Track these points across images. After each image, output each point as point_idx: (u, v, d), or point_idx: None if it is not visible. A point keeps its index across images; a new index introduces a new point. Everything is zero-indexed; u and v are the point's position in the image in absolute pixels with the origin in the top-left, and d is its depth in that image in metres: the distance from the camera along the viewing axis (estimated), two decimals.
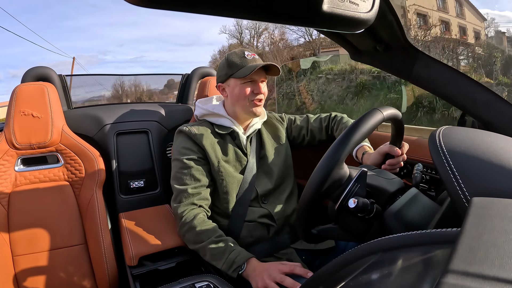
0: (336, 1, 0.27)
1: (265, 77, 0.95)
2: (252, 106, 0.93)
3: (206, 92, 1.27)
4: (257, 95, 0.93)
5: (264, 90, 0.94)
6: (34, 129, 1.08)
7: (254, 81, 0.92)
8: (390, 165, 0.76)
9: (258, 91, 0.92)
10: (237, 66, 0.91)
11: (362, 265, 0.31)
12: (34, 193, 1.08)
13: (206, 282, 0.68)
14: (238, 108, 0.95)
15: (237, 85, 0.93)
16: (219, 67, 0.97)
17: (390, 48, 0.68)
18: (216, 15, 0.26)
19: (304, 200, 0.58)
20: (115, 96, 3.17)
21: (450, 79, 0.67)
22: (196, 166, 0.91)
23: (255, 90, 0.92)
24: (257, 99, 0.93)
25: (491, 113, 0.66)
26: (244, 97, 0.92)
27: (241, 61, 0.91)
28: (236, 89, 0.93)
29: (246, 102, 0.93)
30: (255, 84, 0.93)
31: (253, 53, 0.93)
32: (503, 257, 0.19)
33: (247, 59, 0.91)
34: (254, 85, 0.92)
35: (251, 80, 0.92)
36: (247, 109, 0.94)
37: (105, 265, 1.05)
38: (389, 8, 0.57)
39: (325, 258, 0.96)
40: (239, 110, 0.95)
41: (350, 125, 0.58)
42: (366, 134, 0.57)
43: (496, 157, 0.36)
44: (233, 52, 0.95)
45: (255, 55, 0.93)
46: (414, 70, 0.69)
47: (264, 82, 0.95)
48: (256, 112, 0.94)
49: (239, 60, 0.91)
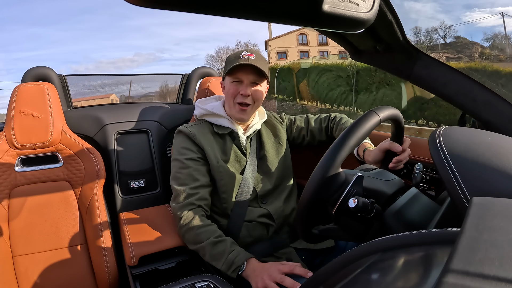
0: (336, 1, 0.27)
1: (257, 81, 0.92)
2: (237, 109, 0.93)
3: (206, 92, 1.27)
4: (244, 97, 0.91)
5: (253, 94, 0.92)
6: (34, 129, 1.08)
7: (241, 82, 0.92)
8: (397, 161, 0.76)
9: (243, 92, 0.91)
10: (230, 64, 0.91)
11: (362, 265, 0.31)
12: (34, 193, 1.08)
13: (206, 282, 0.68)
14: (227, 108, 0.96)
15: (228, 83, 0.94)
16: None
17: (390, 48, 0.68)
18: (216, 15, 0.26)
19: (301, 205, 0.58)
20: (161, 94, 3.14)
21: (450, 79, 0.67)
22: (195, 166, 0.91)
23: (241, 91, 0.91)
24: (242, 102, 0.92)
25: (491, 113, 0.66)
26: (231, 96, 0.92)
27: (235, 59, 0.91)
28: (227, 87, 0.94)
29: (231, 102, 0.93)
30: (242, 84, 0.92)
31: (251, 54, 0.91)
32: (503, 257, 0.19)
33: (240, 58, 0.90)
34: (241, 86, 0.92)
35: (238, 80, 0.92)
36: (232, 110, 0.94)
37: (105, 265, 1.05)
38: (389, 8, 0.57)
39: (325, 258, 0.96)
40: (228, 109, 0.96)
41: (345, 129, 0.58)
42: (362, 138, 0.57)
43: (496, 157, 0.36)
44: (236, 52, 0.95)
45: (253, 55, 0.91)
46: (414, 70, 0.69)
47: (256, 86, 0.93)
48: (239, 117, 0.94)
49: (234, 58, 0.92)
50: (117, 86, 2.13)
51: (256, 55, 0.92)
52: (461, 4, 19.23)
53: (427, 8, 20.21)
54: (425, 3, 20.17)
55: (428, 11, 19.73)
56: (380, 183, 0.61)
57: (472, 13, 20.09)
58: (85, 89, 1.78)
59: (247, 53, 0.91)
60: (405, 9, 18.32)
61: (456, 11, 19.21)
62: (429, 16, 19.28)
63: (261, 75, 0.92)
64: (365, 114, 0.60)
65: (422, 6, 19.71)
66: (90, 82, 1.82)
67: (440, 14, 19.58)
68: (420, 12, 19.08)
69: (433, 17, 19.44)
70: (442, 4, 20.75)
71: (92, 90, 1.87)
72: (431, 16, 19.35)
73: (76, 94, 1.56)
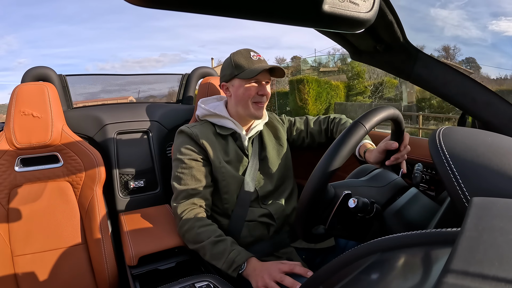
0: (336, 1, 0.27)
1: (270, 79, 0.95)
2: (254, 108, 0.93)
3: (206, 92, 1.27)
4: (262, 96, 0.93)
5: (268, 92, 0.94)
6: (34, 129, 1.08)
7: (259, 82, 0.93)
8: (395, 159, 0.76)
9: (263, 92, 0.92)
10: (243, 67, 0.90)
11: (362, 265, 0.31)
12: (34, 193, 1.08)
13: (206, 282, 0.68)
14: (241, 109, 0.95)
15: (241, 85, 0.92)
16: (224, 66, 0.97)
17: (390, 48, 0.68)
18: (216, 15, 0.26)
19: (299, 212, 0.57)
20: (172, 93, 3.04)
21: (450, 79, 0.67)
22: (197, 167, 0.91)
23: (260, 91, 0.92)
24: (260, 101, 0.93)
25: (491, 113, 0.66)
26: (248, 98, 0.92)
27: (247, 61, 0.91)
28: (241, 90, 0.92)
29: (249, 103, 0.93)
30: (260, 85, 0.93)
31: (259, 54, 0.93)
32: (503, 257, 0.19)
33: (253, 60, 0.91)
34: (259, 86, 0.93)
35: (256, 81, 0.92)
36: (249, 110, 0.94)
37: (105, 265, 1.06)
38: (389, 8, 0.57)
39: (325, 257, 0.96)
40: (242, 111, 0.95)
41: (330, 147, 0.55)
42: (348, 154, 0.55)
43: (496, 157, 0.36)
44: (238, 51, 0.94)
45: (261, 56, 0.93)
46: (414, 70, 0.69)
47: (268, 84, 0.95)
48: (258, 115, 0.94)
49: (245, 60, 0.91)
50: (141, 85, 2.12)
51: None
52: (488, 12, 19.13)
53: (454, 15, 20.12)
54: (452, 10, 20.07)
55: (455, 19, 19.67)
56: (373, 191, 0.60)
57: (498, 21, 20.03)
58: (110, 86, 1.83)
59: (255, 53, 0.93)
60: (431, 16, 18.25)
61: (483, 19, 19.10)
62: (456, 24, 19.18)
63: (273, 74, 0.94)
64: (351, 126, 0.57)
65: (449, 13, 19.62)
66: (115, 80, 1.85)
67: (466, 22, 19.46)
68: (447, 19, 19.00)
69: (460, 25, 19.33)
70: (469, 11, 20.61)
71: (118, 88, 1.89)
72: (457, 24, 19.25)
73: (100, 92, 1.58)
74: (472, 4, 20.92)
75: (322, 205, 0.57)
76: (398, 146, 0.73)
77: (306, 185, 0.55)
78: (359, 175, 0.70)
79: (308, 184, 0.54)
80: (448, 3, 20.64)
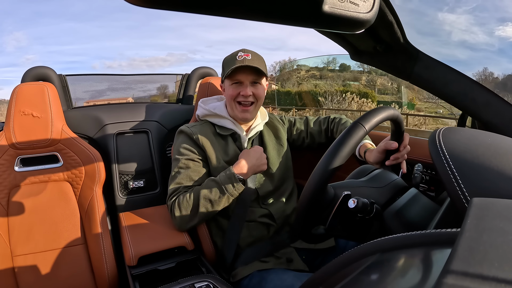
0: (336, 2, 0.27)
1: (256, 80, 0.92)
2: (239, 109, 0.93)
3: (206, 92, 1.27)
4: (244, 97, 0.91)
5: (254, 93, 0.92)
6: (34, 129, 1.07)
7: (241, 83, 0.92)
8: (394, 159, 0.76)
9: (244, 93, 0.91)
10: (228, 67, 0.90)
11: (362, 266, 0.31)
12: (34, 193, 1.08)
13: (206, 282, 0.68)
14: (229, 109, 0.96)
15: (228, 85, 0.93)
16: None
17: (391, 49, 0.68)
18: (216, 15, 0.26)
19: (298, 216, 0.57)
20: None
21: (450, 79, 0.67)
22: (194, 167, 0.91)
23: (242, 91, 0.91)
24: (243, 103, 0.92)
25: (491, 113, 0.66)
26: (231, 98, 0.93)
27: (232, 61, 0.90)
28: (227, 90, 0.94)
29: (233, 103, 0.93)
30: (242, 85, 0.92)
31: (247, 54, 0.91)
32: (503, 258, 0.19)
33: (237, 60, 0.90)
34: (241, 87, 0.92)
35: (237, 81, 0.92)
36: (234, 111, 0.94)
37: (105, 265, 1.05)
38: (389, 8, 0.57)
39: (325, 258, 0.96)
40: (230, 111, 0.96)
41: (330, 148, 0.55)
42: (348, 154, 0.54)
43: (496, 157, 0.36)
44: (232, 52, 0.95)
45: (249, 55, 0.90)
46: (415, 71, 0.69)
47: (257, 85, 0.93)
48: (241, 117, 0.94)
49: (231, 60, 0.91)
50: (148, 84, 2.12)
51: (252, 54, 0.91)
52: (496, 17, 19.12)
53: (462, 20, 20.10)
54: (460, 15, 20.05)
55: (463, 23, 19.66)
56: (373, 192, 0.60)
57: (505, 27, 20.03)
58: (117, 85, 1.86)
59: (243, 53, 0.91)
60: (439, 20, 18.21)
61: (490, 23, 19.07)
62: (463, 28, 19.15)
63: (260, 74, 0.92)
64: (351, 126, 0.56)
65: (457, 18, 19.60)
66: (122, 78, 1.88)
67: (474, 27, 19.45)
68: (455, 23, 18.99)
69: (467, 30, 19.30)
70: (477, 16, 20.60)
71: (124, 87, 1.91)
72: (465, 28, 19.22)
73: (106, 90, 1.58)
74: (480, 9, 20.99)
75: (322, 205, 0.57)
76: (398, 146, 0.73)
77: (306, 185, 0.55)
78: (359, 175, 0.70)
79: (308, 185, 0.54)
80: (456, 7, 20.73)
